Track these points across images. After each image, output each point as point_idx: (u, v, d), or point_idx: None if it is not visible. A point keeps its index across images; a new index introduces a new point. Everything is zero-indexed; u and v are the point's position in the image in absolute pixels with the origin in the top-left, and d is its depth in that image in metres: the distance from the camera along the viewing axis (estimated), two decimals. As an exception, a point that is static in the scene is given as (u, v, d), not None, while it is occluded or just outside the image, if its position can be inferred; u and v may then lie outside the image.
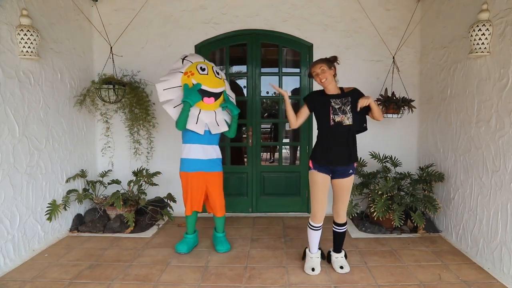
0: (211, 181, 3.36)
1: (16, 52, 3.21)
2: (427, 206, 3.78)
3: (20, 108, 3.29)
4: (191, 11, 4.46)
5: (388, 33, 4.36)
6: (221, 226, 3.52)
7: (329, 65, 2.90)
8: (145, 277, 2.97)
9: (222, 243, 3.48)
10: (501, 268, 2.95)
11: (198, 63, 3.31)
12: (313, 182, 2.95)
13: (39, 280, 2.91)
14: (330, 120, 2.86)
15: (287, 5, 4.44)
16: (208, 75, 3.24)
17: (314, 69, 2.91)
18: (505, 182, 2.95)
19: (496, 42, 3.03)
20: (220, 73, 3.41)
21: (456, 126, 3.66)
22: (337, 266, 3.06)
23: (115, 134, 4.54)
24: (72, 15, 4.07)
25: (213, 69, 3.34)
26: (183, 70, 3.26)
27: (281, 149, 4.93)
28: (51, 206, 3.67)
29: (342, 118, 2.84)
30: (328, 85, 2.90)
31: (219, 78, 3.33)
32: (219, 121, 3.32)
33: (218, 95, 3.30)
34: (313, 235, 3.03)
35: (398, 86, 4.17)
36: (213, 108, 3.30)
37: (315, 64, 2.92)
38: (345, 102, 2.87)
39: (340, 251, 3.12)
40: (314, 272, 3.00)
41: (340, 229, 3.07)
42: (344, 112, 2.85)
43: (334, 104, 2.87)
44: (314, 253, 3.08)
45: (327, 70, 2.87)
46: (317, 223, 2.98)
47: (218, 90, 3.28)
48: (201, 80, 3.19)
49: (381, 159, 4.23)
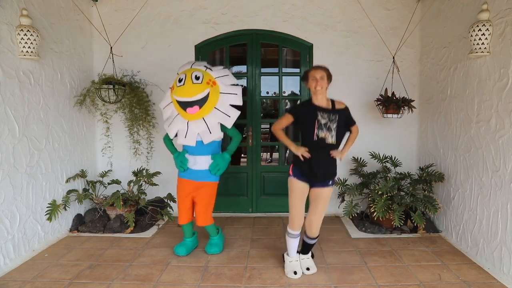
0: (198, 192, 3.27)
1: (16, 52, 3.21)
2: (427, 206, 3.78)
3: (20, 108, 3.28)
4: (191, 11, 4.46)
5: (388, 33, 4.35)
6: (210, 232, 3.44)
7: (328, 76, 2.82)
8: (145, 277, 2.97)
9: (211, 246, 3.43)
10: (501, 268, 2.95)
11: (180, 74, 3.16)
12: (292, 189, 2.90)
13: (39, 280, 2.91)
14: (314, 134, 2.77)
15: (287, 5, 4.44)
16: (184, 85, 3.02)
17: (314, 73, 2.79)
18: (505, 182, 2.95)
19: (496, 42, 3.03)
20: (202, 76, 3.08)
21: (456, 126, 3.66)
22: (303, 267, 3.02)
23: (115, 134, 4.54)
24: (72, 15, 4.07)
25: (192, 75, 3.05)
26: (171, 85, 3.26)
27: (281, 149, 4.93)
28: (51, 206, 3.67)
29: (326, 135, 2.76)
30: (319, 95, 2.81)
31: (198, 83, 3.03)
32: (211, 127, 3.14)
33: (201, 102, 3.04)
34: (291, 242, 2.98)
35: (398, 86, 4.17)
36: (201, 115, 3.10)
37: (316, 69, 2.82)
38: (333, 119, 2.78)
39: (307, 253, 3.10)
40: (297, 276, 2.94)
41: (310, 241, 3.01)
42: (329, 130, 2.77)
43: (321, 118, 2.77)
44: (293, 256, 3.03)
45: (325, 80, 2.79)
46: (295, 230, 2.92)
47: (196, 97, 3.00)
48: (178, 92, 3.05)
49: (381, 159, 4.23)
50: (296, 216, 2.89)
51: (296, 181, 2.88)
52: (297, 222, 2.90)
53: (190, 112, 3.06)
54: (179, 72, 3.26)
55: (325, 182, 2.87)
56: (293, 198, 2.90)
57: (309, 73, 2.84)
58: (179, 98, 3.05)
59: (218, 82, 3.17)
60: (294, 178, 2.89)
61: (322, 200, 2.88)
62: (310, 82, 2.81)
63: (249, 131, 4.62)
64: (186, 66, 3.26)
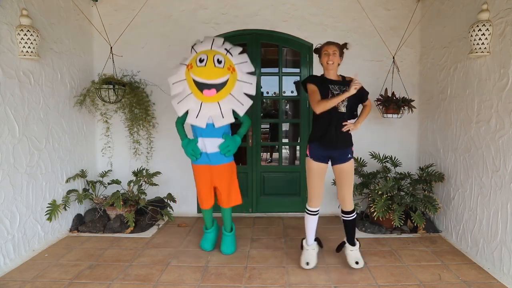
0: (217, 174, 3.24)
1: (16, 52, 3.21)
2: (427, 206, 3.78)
3: (20, 108, 3.29)
4: (191, 11, 4.46)
5: (388, 33, 4.35)
6: (227, 221, 3.39)
7: (341, 51, 2.97)
8: (145, 277, 2.97)
9: (227, 245, 3.39)
10: (501, 268, 2.95)
11: (200, 53, 3.08)
12: (308, 169, 3.05)
13: (39, 280, 2.91)
14: None
15: (287, 5, 4.44)
16: (205, 66, 2.99)
17: (327, 49, 2.94)
18: (505, 182, 2.95)
19: (496, 42, 3.03)
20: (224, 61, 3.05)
21: (456, 126, 3.66)
22: (352, 261, 3.08)
23: (115, 134, 4.54)
24: (72, 15, 4.07)
25: (214, 58, 3.01)
26: (187, 62, 3.13)
27: (281, 149, 4.93)
28: (51, 206, 3.67)
29: (338, 105, 2.90)
30: (331, 70, 2.96)
31: (219, 68, 3.01)
32: (224, 112, 3.10)
33: (220, 86, 3.02)
34: (309, 220, 3.10)
35: (398, 86, 4.17)
36: (217, 99, 3.06)
37: (329, 45, 2.96)
38: (344, 90, 2.89)
39: (355, 244, 3.13)
40: (309, 266, 3.04)
41: (348, 217, 3.08)
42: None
43: (333, 89, 2.93)
44: (310, 244, 3.12)
45: (337, 55, 2.94)
46: (314, 207, 3.06)
47: (216, 81, 2.99)
48: (197, 72, 3.01)
49: (381, 159, 4.23)
50: (313, 194, 3.04)
51: (312, 161, 3.01)
52: (315, 200, 3.05)
53: (206, 95, 3.02)
54: (197, 50, 3.15)
55: (343, 157, 2.98)
56: (309, 176, 3.05)
57: (322, 48, 2.98)
58: (198, 78, 3.01)
59: (236, 69, 3.15)
60: (310, 159, 3.02)
61: (346, 175, 3.00)
62: (322, 56, 2.96)
63: (249, 131, 4.62)
64: (206, 46, 3.16)
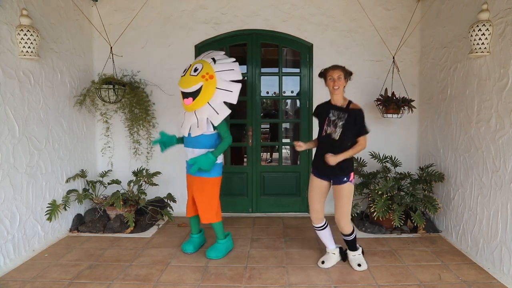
0: (194, 186, 3.27)
1: (16, 52, 3.21)
2: (427, 206, 3.78)
3: (20, 108, 3.28)
4: (191, 11, 4.46)
5: (388, 33, 4.35)
6: (217, 232, 3.38)
7: (346, 76, 2.90)
8: (145, 277, 2.97)
9: (212, 249, 3.35)
10: (501, 268, 2.95)
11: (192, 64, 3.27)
12: (309, 184, 3.12)
13: (39, 280, 2.91)
14: (323, 130, 2.95)
15: (287, 5, 4.44)
16: (184, 75, 3.18)
17: (331, 74, 2.87)
18: (505, 182, 2.95)
19: (496, 42, 3.03)
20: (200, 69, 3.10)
21: (456, 126, 3.66)
22: (355, 264, 3.09)
23: (115, 134, 4.54)
24: (72, 15, 4.07)
25: (193, 67, 3.15)
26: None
27: (281, 149, 4.93)
28: (51, 206, 3.67)
29: (332, 131, 2.90)
30: (336, 95, 2.92)
31: (193, 76, 3.09)
32: (200, 121, 3.14)
33: (195, 94, 3.08)
34: (319, 234, 3.18)
35: (398, 86, 4.17)
36: (194, 108, 3.13)
37: (335, 69, 2.88)
38: (341, 117, 2.87)
39: (356, 249, 3.15)
40: (323, 266, 3.12)
41: (344, 238, 3.09)
42: (335, 126, 2.88)
43: (332, 115, 2.93)
44: (329, 249, 3.18)
45: (342, 80, 2.88)
46: (314, 223, 3.13)
47: (189, 89, 3.08)
48: (179, 81, 3.21)
49: (381, 159, 4.23)
50: (312, 209, 3.10)
51: (312, 177, 3.07)
52: (313, 215, 3.10)
53: (185, 103, 3.18)
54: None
55: (338, 179, 2.95)
56: (308, 192, 3.12)
57: (327, 73, 2.92)
58: (179, 87, 3.21)
59: (216, 77, 3.12)
60: (312, 174, 3.09)
61: (339, 197, 2.97)
62: (328, 81, 2.92)
63: (249, 131, 4.62)
64: (200, 56, 3.38)
